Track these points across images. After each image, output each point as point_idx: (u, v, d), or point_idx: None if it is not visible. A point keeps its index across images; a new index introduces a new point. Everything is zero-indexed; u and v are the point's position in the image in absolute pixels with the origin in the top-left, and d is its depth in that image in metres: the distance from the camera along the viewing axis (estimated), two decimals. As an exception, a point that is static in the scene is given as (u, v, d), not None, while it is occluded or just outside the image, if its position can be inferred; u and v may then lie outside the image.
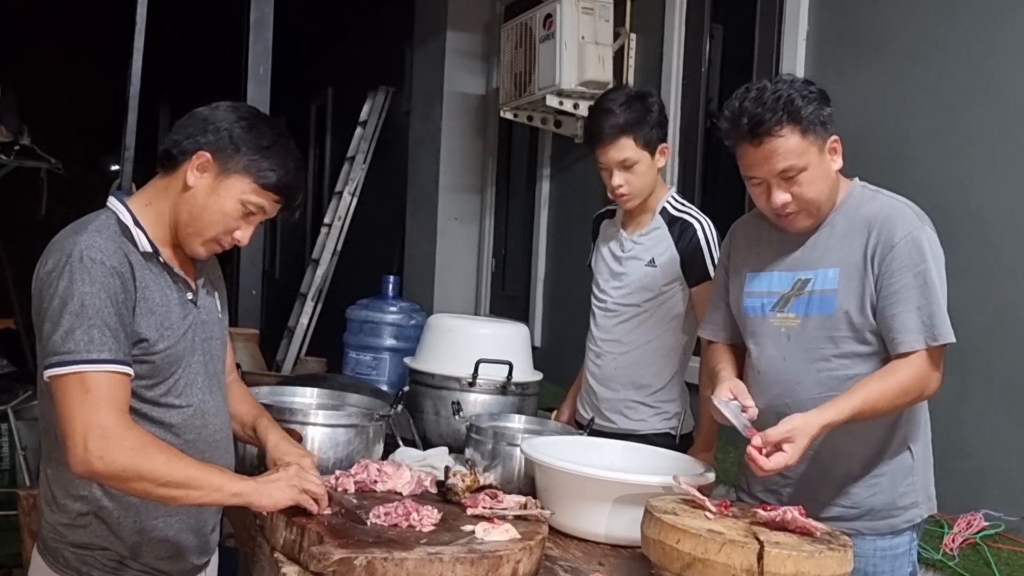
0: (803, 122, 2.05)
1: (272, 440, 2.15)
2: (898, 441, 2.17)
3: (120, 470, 1.73)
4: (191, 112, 1.95)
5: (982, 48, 2.75)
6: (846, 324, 2.12)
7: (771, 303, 2.22)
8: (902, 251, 2.06)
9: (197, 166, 1.88)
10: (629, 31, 4.49)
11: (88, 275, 1.75)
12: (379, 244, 7.48)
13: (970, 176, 2.76)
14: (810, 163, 2.07)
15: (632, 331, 2.89)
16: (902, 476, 2.18)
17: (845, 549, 1.78)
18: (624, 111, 2.76)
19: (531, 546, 1.87)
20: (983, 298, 2.69)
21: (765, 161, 2.07)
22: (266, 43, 4.42)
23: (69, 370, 1.73)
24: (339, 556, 1.71)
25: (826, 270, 2.14)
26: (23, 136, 5.86)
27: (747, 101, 2.07)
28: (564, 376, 4.12)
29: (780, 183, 2.09)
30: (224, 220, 1.90)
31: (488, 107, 5.89)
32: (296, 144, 1.99)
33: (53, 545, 1.90)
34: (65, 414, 1.73)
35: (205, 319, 1.99)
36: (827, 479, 2.18)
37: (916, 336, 2.05)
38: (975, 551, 2.51)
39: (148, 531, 1.90)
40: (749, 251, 2.32)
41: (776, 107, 2.04)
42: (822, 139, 2.09)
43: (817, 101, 2.07)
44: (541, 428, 2.73)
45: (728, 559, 1.70)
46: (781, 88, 2.06)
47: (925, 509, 2.21)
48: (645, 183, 2.83)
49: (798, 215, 2.14)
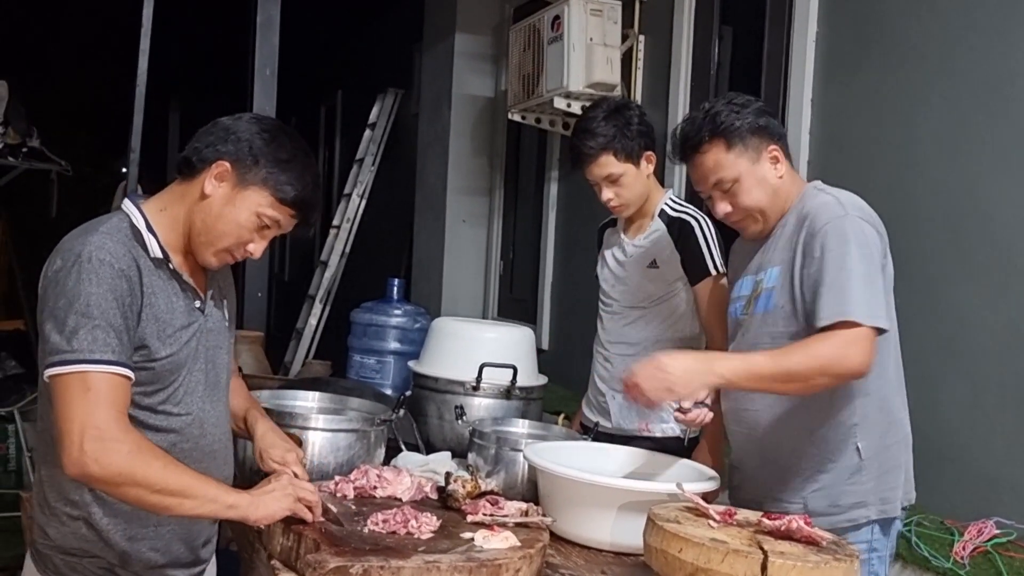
0: (728, 136, 2.18)
1: (260, 431, 2.15)
2: (842, 438, 2.17)
3: (115, 473, 1.70)
4: (214, 121, 1.94)
5: (995, 49, 2.71)
6: (781, 318, 2.17)
7: (741, 307, 2.31)
8: (821, 237, 2.09)
9: (216, 175, 1.87)
10: (638, 33, 4.46)
11: (96, 275, 1.74)
12: (388, 246, 7.47)
13: (982, 179, 2.72)
14: (741, 174, 2.19)
15: (639, 332, 2.90)
16: (847, 475, 2.17)
17: (851, 559, 1.74)
18: (602, 127, 2.80)
19: (531, 554, 1.84)
20: (995, 303, 2.65)
21: (699, 175, 2.25)
22: (273, 45, 4.41)
23: (71, 369, 1.71)
24: (335, 564, 1.68)
25: (772, 269, 2.22)
26: (32, 138, 5.86)
27: (685, 122, 2.28)
28: (572, 379, 4.09)
29: (718, 194, 2.23)
30: (238, 231, 1.89)
31: (496, 109, 5.87)
32: (310, 141, 1.98)
33: (44, 552, 1.88)
34: (63, 413, 1.71)
35: (211, 328, 1.97)
36: (772, 467, 2.22)
37: (826, 312, 2.04)
38: (986, 559, 2.47)
39: (138, 540, 1.88)
40: (735, 261, 2.45)
41: (702, 126, 2.20)
42: (755, 150, 2.20)
43: (751, 115, 2.19)
44: (545, 433, 2.70)
45: (731, 569, 1.67)
46: (716, 106, 2.21)
47: (875, 511, 2.18)
48: (635, 192, 2.86)
49: (745, 221, 2.26)
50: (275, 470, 2.08)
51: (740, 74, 4.03)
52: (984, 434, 2.67)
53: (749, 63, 3.83)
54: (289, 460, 2.10)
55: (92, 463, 1.68)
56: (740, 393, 2.23)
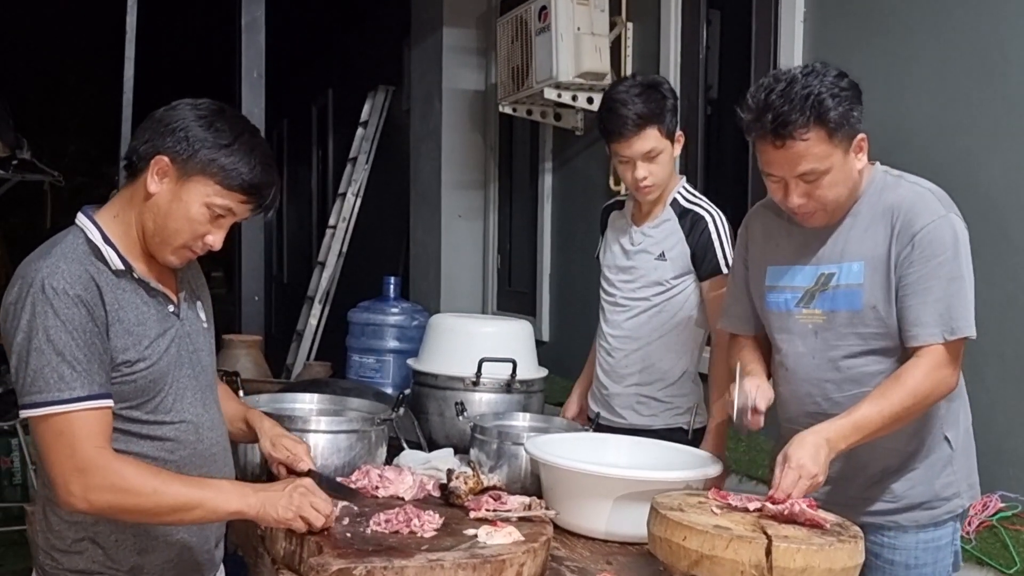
0: (830, 124, 1.93)
1: (266, 424, 2.17)
2: (934, 433, 2.09)
3: (105, 508, 1.71)
4: (150, 114, 1.85)
5: (984, 23, 2.70)
6: (874, 319, 2.03)
7: (795, 299, 2.14)
8: (922, 240, 1.96)
9: (156, 172, 1.78)
10: (625, 20, 4.44)
11: (51, 307, 1.68)
12: (384, 244, 7.47)
13: (975, 154, 2.71)
14: (833, 166, 1.97)
15: (643, 326, 2.84)
16: (940, 467, 2.10)
17: (856, 541, 1.74)
18: (643, 101, 2.67)
19: (535, 548, 1.83)
20: (992, 277, 2.63)
21: (786, 162, 1.97)
22: (259, 47, 4.39)
23: (40, 412, 1.68)
24: (338, 566, 1.68)
25: (850, 264, 2.06)
26: (22, 150, 5.84)
27: (774, 95, 1.93)
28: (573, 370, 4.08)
29: (799, 184, 1.99)
30: (191, 226, 1.80)
31: (487, 102, 5.86)
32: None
33: (51, 571, 1.85)
34: (44, 456, 1.70)
35: (189, 331, 1.92)
36: (863, 475, 2.12)
37: (931, 330, 1.96)
38: (992, 533, 2.47)
39: (148, 551, 1.85)
40: (768, 243, 2.23)
41: (804, 107, 1.91)
42: (849, 139, 1.98)
43: (849, 100, 1.95)
44: (547, 426, 2.69)
45: (736, 555, 1.66)
46: (812, 85, 1.93)
47: (967, 498, 2.14)
48: (666, 172, 2.77)
49: (815, 214, 2.05)
50: (286, 460, 2.10)
51: (729, 58, 4.01)
52: (986, 408, 2.66)
53: (738, 46, 3.82)
54: (299, 451, 2.12)
55: (81, 503, 1.68)
56: (815, 391, 2.12)
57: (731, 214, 2.96)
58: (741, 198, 3.71)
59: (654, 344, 2.83)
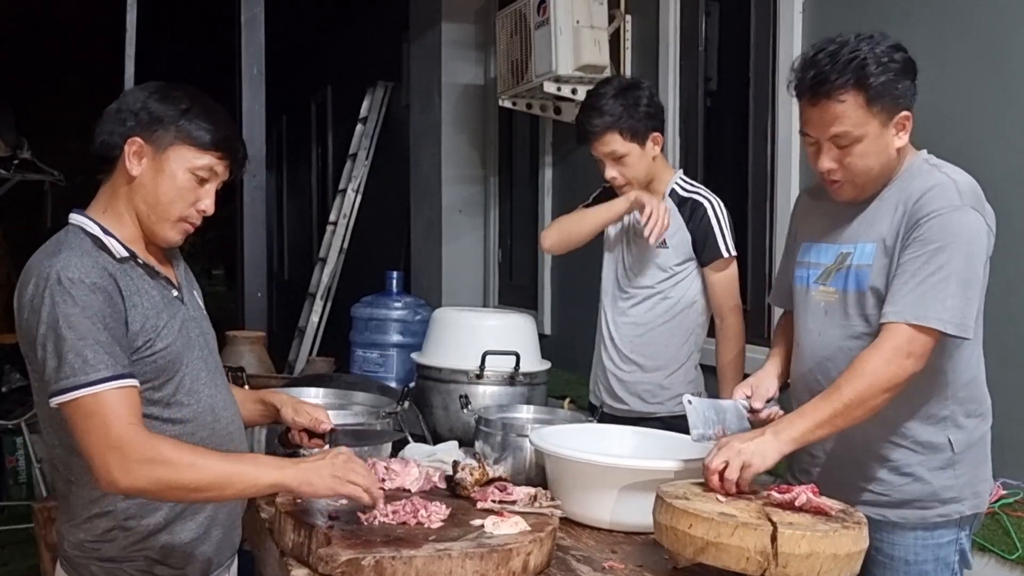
0: (870, 91, 1.92)
1: (284, 397, 2.23)
2: (931, 431, 2.06)
3: (147, 485, 1.71)
4: (104, 111, 1.91)
5: (983, 11, 2.70)
6: (876, 302, 2.01)
7: (815, 274, 2.15)
8: (925, 226, 1.94)
9: (132, 154, 1.84)
10: (624, 13, 4.44)
11: (70, 296, 1.71)
12: (385, 240, 7.47)
13: (977, 143, 2.71)
14: (868, 134, 1.96)
15: (646, 313, 2.88)
16: (938, 468, 2.06)
17: (860, 527, 1.75)
18: (610, 105, 2.78)
19: (541, 538, 1.85)
20: (995, 264, 2.64)
21: (820, 121, 1.97)
22: (259, 43, 4.39)
23: (71, 396, 1.70)
24: (347, 557, 1.69)
25: (864, 244, 2.05)
26: (23, 150, 5.84)
27: (822, 54, 1.94)
28: (575, 363, 4.10)
29: (831, 148, 1.99)
30: (182, 194, 1.87)
31: (487, 97, 5.86)
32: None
33: (79, 561, 1.87)
34: (80, 440, 1.72)
35: (194, 315, 1.98)
36: (856, 461, 2.10)
37: (897, 308, 1.92)
38: (994, 520, 2.48)
39: (178, 533, 1.88)
40: (807, 221, 2.25)
41: (845, 69, 1.91)
42: (889, 112, 1.96)
43: (896, 73, 1.93)
44: (551, 417, 2.71)
45: (741, 542, 1.68)
46: (861, 50, 1.92)
47: (969, 507, 2.08)
48: (638, 172, 2.85)
49: (843, 185, 2.04)
50: (309, 424, 2.16)
51: (729, 49, 4.02)
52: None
53: (737, 38, 3.82)
54: (320, 414, 2.18)
55: (123, 479, 1.69)
56: (817, 368, 2.11)
57: (730, 205, 2.97)
58: (740, 190, 3.72)
59: (658, 331, 2.86)
